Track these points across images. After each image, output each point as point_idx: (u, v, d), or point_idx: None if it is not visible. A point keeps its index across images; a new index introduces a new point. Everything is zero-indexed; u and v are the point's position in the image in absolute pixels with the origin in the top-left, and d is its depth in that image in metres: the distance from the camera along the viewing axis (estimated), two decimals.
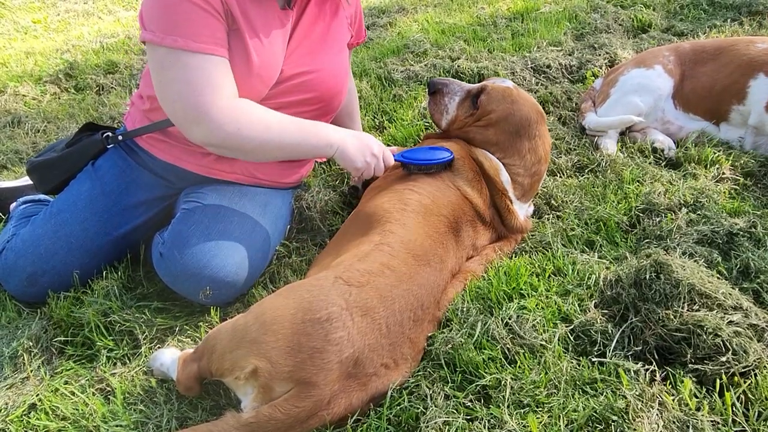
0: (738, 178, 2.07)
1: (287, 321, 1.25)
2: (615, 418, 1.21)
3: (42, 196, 2.14)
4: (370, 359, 1.28)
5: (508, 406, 1.27)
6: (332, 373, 1.22)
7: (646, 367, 1.34)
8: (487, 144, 1.84)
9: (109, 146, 1.87)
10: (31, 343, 1.62)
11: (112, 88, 3.54)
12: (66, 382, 1.51)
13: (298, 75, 1.77)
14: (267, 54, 1.67)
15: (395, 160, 1.79)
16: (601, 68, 3.02)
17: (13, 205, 2.13)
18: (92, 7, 5.63)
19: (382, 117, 2.78)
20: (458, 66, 3.08)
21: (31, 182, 2.26)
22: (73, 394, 1.47)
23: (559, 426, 1.22)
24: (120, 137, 1.85)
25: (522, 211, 1.88)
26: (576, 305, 1.53)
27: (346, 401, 1.25)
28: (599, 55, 3.14)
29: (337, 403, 1.24)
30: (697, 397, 1.27)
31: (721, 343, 1.31)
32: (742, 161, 2.15)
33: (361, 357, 1.27)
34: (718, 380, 1.28)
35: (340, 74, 1.90)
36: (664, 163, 2.25)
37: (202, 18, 1.51)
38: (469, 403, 1.31)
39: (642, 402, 1.24)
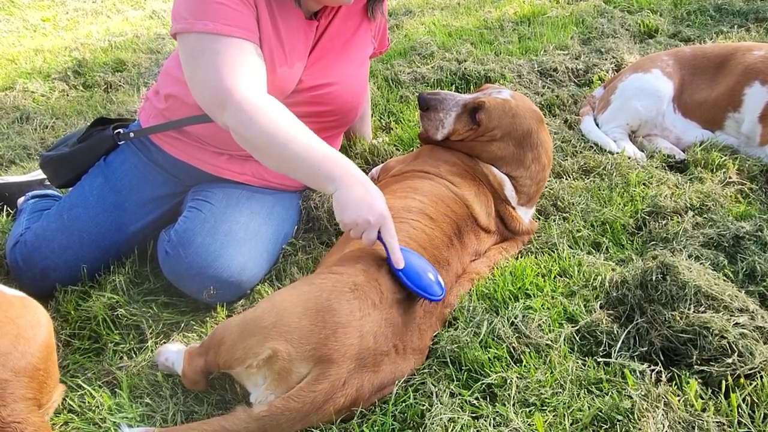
0: (744, 182, 2.07)
1: (311, 302, 1.27)
2: (620, 418, 1.21)
3: (50, 191, 2.15)
4: (385, 336, 1.30)
5: (513, 405, 1.28)
6: (353, 348, 1.24)
7: (652, 367, 1.34)
8: (493, 160, 1.83)
9: (120, 143, 1.87)
10: None
11: (120, 85, 3.55)
12: (72, 375, 1.52)
13: (317, 87, 1.77)
14: (286, 64, 1.66)
15: (386, 262, 1.40)
16: (607, 72, 3.02)
17: (20, 200, 2.14)
18: (101, 6, 5.66)
19: (388, 118, 2.79)
20: (465, 68, 3.09)
21: (39, 177, 2.28)
22: (79, 386, 1.48)
23: (565, 425, 1.22)
24: (131, 134, 1.85)
25: (527, 215, 1.88)
26: (582, 306, 1.53)
27: (358, 382, 1.26)
28: (606, 59, 3.14)
29: (351, 384, 1.25)
30: (702, 398, 1.27)
31: (727, 344, 1.31)
32: (747, 165, 2.15)
33: (378, 332, 1.29)
34: (723, 382, 1.28)
35: (358, 89, 1.89)
36: (669, 166, 2.25)
37: (234, 4, 1.52)
38: (475, 401, 1.31)
39: (647, 402, 1.24)
